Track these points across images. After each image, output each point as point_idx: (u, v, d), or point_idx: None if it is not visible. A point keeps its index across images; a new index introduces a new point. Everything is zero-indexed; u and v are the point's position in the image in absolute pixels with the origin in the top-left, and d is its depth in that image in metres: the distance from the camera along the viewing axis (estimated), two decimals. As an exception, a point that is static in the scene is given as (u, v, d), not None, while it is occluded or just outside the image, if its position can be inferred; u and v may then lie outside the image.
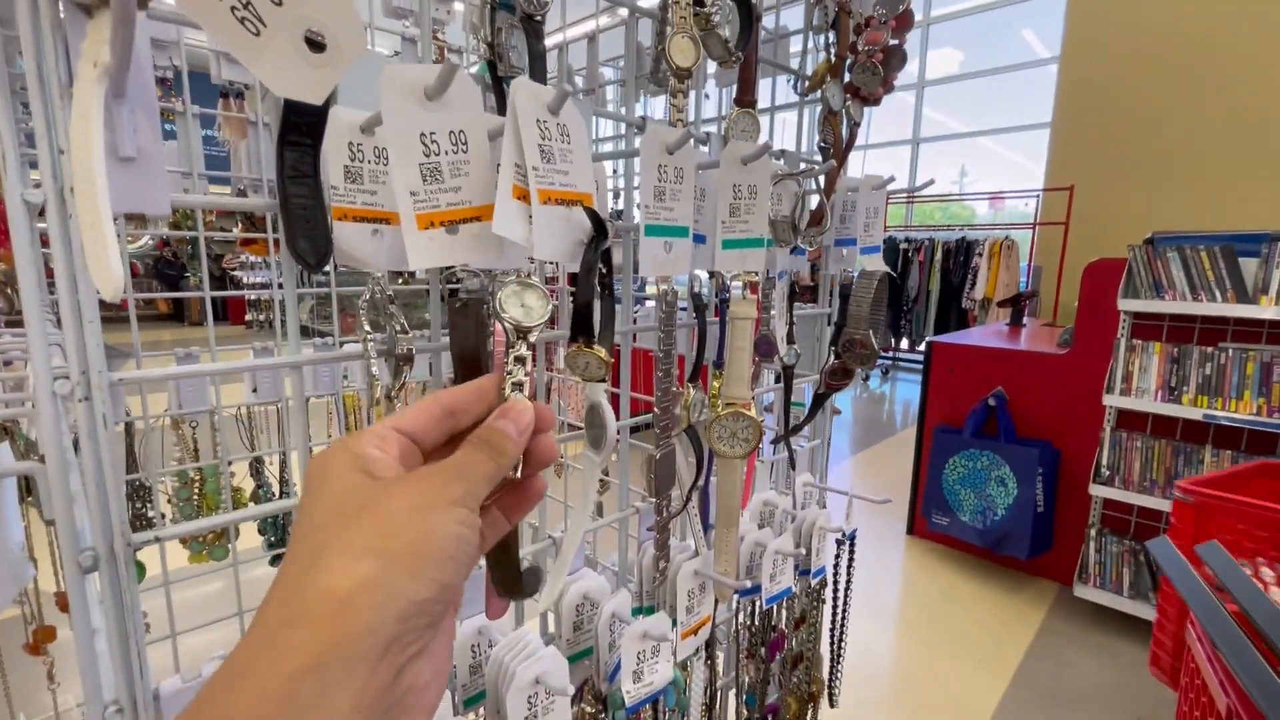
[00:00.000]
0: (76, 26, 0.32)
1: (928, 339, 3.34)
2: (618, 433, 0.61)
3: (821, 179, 0.68)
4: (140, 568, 1.14)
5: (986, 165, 7.86)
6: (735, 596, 0.69)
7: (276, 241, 1.22)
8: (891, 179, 0.68)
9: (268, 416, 1.24)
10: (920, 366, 3.41)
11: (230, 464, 1.22)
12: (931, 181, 0.76)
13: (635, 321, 0.64)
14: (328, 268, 0.91)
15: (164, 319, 9.95)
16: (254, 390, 1.16)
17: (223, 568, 1.16)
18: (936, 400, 3.00)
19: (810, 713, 0.85)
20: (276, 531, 1.25)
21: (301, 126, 0.38)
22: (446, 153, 0.34)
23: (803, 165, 0.71)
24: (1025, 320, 3.90)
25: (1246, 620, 0.73)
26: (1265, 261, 2.22)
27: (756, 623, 0.73)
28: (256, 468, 1.25)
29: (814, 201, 0.72)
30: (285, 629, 0.21)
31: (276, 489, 1.25)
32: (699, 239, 0.57)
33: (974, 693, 1.75)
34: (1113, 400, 2.41)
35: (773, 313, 0.64)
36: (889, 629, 2.09)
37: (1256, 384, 2.21)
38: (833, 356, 0.75)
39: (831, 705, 0.90)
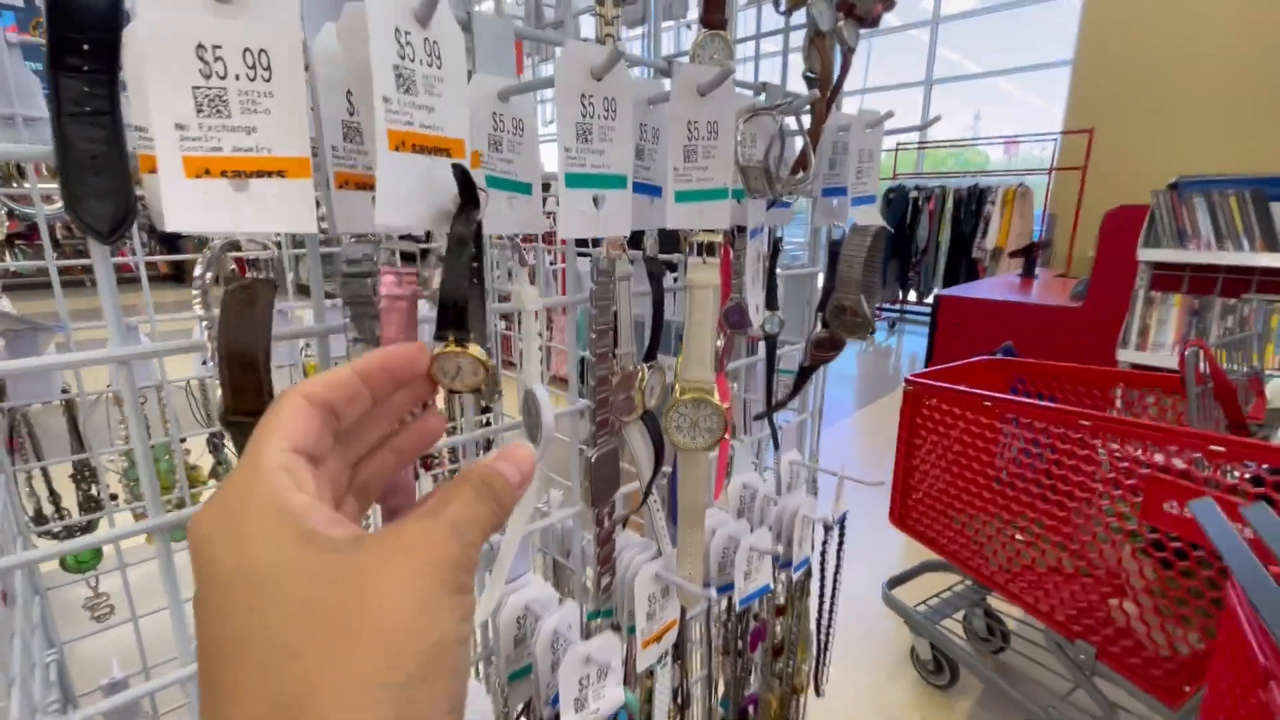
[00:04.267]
0: None
1: (936, 292, 3.22)
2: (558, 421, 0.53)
3: (805, 116, 0.57)
4: (97, 554, 1.09)
5: (1002, 109, 7.51)
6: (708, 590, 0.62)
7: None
8: (889, 115, 0.57)
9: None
10: (928, 319, 3.30)
11: (184, 440, 1.15)
12: (939, 118, 0.65)
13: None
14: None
15: (165, 279, 9.83)
16: (204, 362, 1.08)
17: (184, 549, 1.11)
18: (943, 356, 2.91)
19: (795, 705, 0.80)
20: (240, 509, 1.19)
21: (81, 44, 0.29)
22: (238, 77, 0.25)
23: (784, 98, 0.60)
24: (1037, 272, 3.76)
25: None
26: (1298, 206, 2.08)
27: (732, 620, 0.67)
28: (215, 443, 1.19)
29: (798, 145, 0.61)
30: None
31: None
32: (649, 190, 0.47)
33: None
34: (1127, 355, 2.30)
35: (745, 277, 0.55)
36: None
37: (1281, 337, 2.10)
38: (819, 325, 0.66)
39: (818, 695, 0.85)
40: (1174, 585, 0.99)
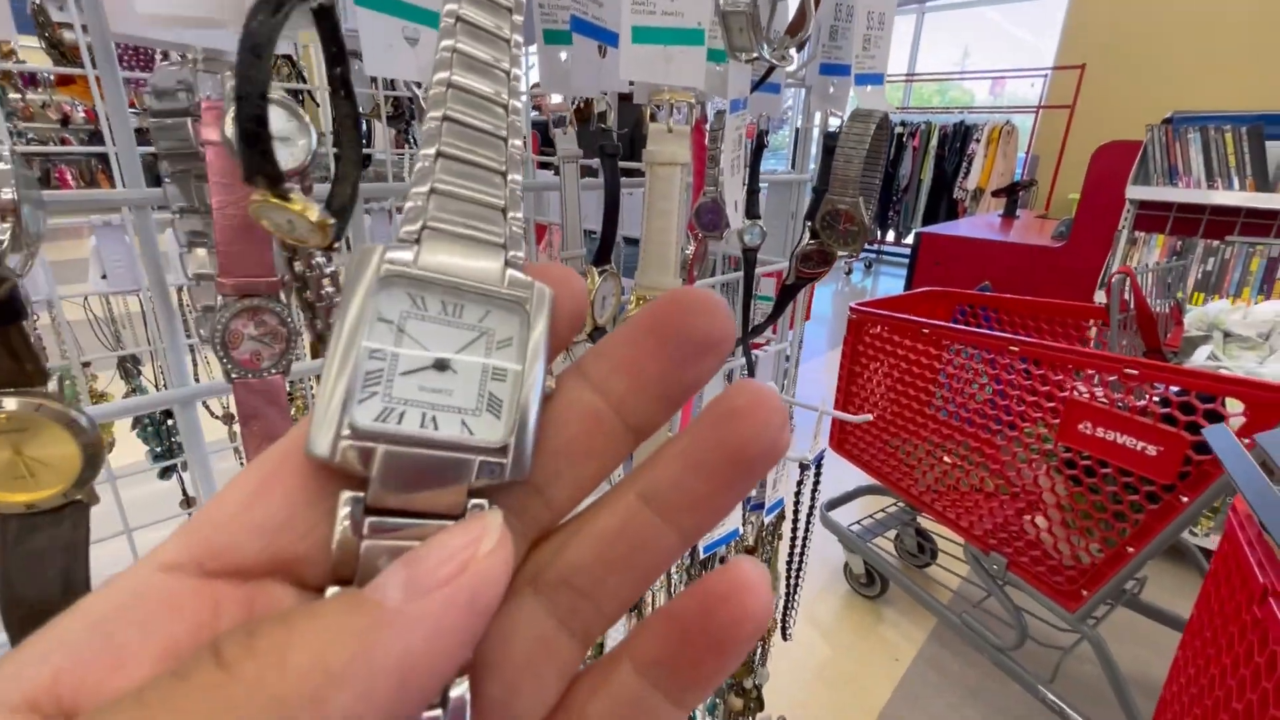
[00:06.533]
0: None
1: (916, 230, 3.13)
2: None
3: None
4: (-6, 484, 0.98)
5: (991, 45, 7.23)
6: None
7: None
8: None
9: (130, 311, 1.03)
10: (906, 260, 3.23)
11: (88, 365, 1.03)
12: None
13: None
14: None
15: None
16: (103, 276, 0.94)
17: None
18: (920, 296, 2.86)
19: (759, 649, 0.75)
20: (160, 440, 1.09)
21: None
22: None
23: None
24: (1019, 212, 3.69)
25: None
26: (1293, 145, 2.01)
27: (695, 567, 0.60)
28: (127, 368, 1.06)
29: (791, 14, 0.50)
30: None
31: (154, 391, 1.07)
32: (600, 34, 0.36)
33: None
34: (1105, 297, 2.27)
35: (723, 166, 0.45)
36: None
37: (1259, 280, 2.08)
38: (808, 235, 0.56)
39: (784, 638, 0.80)
40: (1081, 500, 1.09)
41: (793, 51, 0.43)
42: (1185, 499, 0.99)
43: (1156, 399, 1.00)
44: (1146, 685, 1.37)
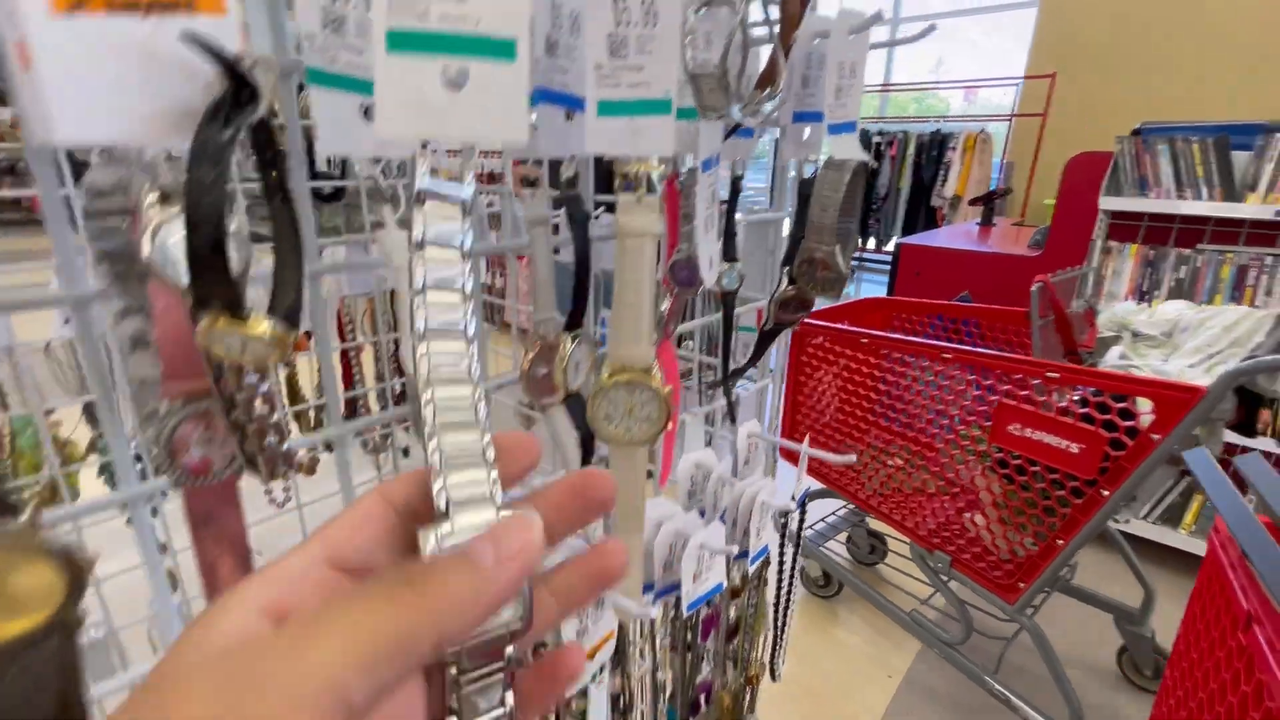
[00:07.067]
0: None
1: (896, 240, 3.16)
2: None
3: (774, 10, 0.45)
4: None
5: (965, 54, 7.34)
6: (649, 595, 0.54)
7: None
8: (878, 17, 0.45)
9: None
10: (887, 268, 3.26)
11: (50, 412, 1.00)
12: (933, 27, 0.53)
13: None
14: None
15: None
16: (66, 321, 0.92)
17: (62, 518, 0.97)
18: (901, 306, 2.87)
19: (748, 697, 0.74)
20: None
21: None
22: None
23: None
24: (995, 220, 3.74)
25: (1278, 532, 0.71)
26: (1258, 155, 2.05)
27: (680, 620, 0.59)
28: (92, 413, 1.03)
29: (764, 59, 0.49)
30: None
31: (122, 437, 1.04)
32: (567, 101, 0.35)
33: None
34: (1080, 306, 2.30)
35: (697, 223, 0.44)
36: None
37: (1230, 287, 2.12)
38: (786, 281, 0.56)
39: (774, 679, 0.79)
40: (1014, 497, 1.15)
41: (765, 107, 0.43)
42: (1106, 492, 1.04)
43: (1076, 399, 1.05)
44: (1083, 665, 1.49)
